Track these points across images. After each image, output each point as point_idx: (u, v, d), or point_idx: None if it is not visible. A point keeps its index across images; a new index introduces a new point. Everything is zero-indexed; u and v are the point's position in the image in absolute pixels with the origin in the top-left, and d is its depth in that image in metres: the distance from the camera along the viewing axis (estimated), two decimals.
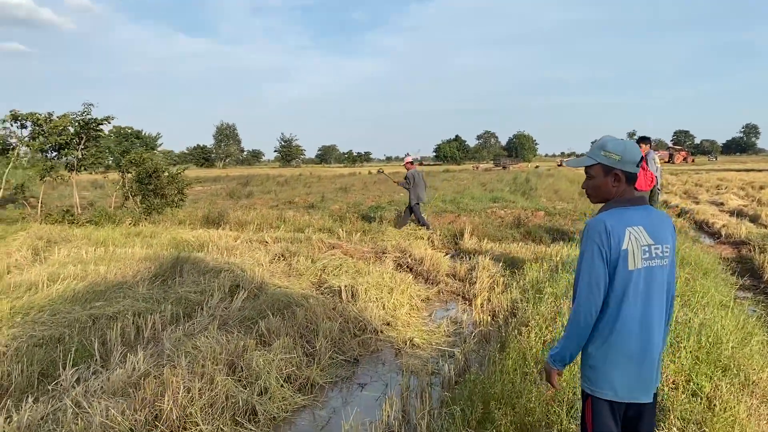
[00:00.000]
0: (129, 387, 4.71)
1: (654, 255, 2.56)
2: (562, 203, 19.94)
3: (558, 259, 9.35)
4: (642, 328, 2.53)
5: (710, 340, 5.02)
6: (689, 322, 5.56)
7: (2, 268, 9.35)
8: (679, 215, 17.31)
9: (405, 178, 13.69)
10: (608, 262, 2.51)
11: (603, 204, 2.71)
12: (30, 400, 4.52)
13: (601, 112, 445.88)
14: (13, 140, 16.54)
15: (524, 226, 14.29)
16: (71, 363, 5.25)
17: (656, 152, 9.92)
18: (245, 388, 4.78)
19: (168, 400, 4.38)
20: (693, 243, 11.37)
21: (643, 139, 10.12)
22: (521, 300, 7.02)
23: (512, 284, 8.36)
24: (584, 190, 2.78)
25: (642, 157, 2.89)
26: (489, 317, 7.16)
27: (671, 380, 4.51)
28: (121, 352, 5.61)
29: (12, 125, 16.22)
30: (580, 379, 2.78)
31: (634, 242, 2.52)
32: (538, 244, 12.38)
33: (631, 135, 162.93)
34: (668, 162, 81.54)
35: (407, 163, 13.97)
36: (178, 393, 4.52)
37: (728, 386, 4.34)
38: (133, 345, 5.98)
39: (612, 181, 2.64)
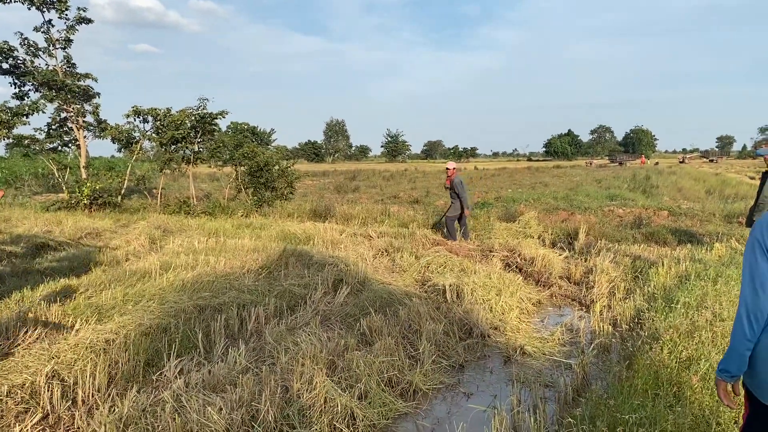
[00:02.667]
0: (227, 384, 4.61)
1: None
2: (688, 203, 18.39)
3: (687, 264, 8.43)
4: None
5: None
6: None
7: (122, 255, 9.80)
8: None
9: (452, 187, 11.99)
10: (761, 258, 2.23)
11: None
12: (134, 390, 4.53)
13: (728, 105, 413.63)
14: (137, 134, 17.51)
15: (646, 227, 13.22)
16: (175, 354, 5.26)
17: None
18: (344, 391, 4.53)
19: (265, 400, 4.22)
20: None
21: None
22: (647, 309, 6.31)
23: (635, 290, 7.61)
24: None
25: None
26: (610, 326, 6.51)
27: None
28: (223, 345, 5.58)
29: (135, 120, 17.17)
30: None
31: None
32: (663, 246, 11.37)
33: (763, 130, 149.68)
34: None
35: (454, 169, 12.17)
36: (276, 393, 4.36)
37: None
38: (236, 337, 5.94)
39: None
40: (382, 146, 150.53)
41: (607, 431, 3.45)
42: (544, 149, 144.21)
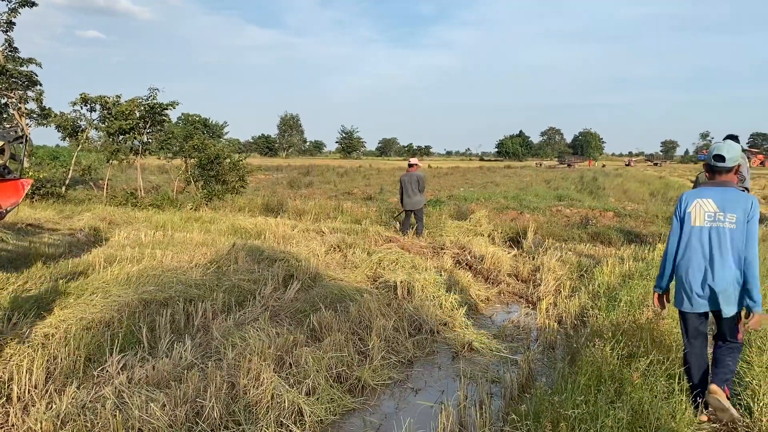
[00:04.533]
0: (172, 380, 4.50)
1: (715, 219, 3.86)
2: (632, 204, 18.99)
3: (631, 263, 8.70)
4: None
5: None
6: None
7: (64, 246, 9.46)
8: (760, 222, 16.12)
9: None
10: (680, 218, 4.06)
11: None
12: (73, 386, 4.37)
13: (673, 111, 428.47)
14: (83, 123, 16.94)
15: (592, 227, 13.57)
16: (118, 349, 5.10)
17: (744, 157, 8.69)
18: (292, 387, 4.48)
19: (210, 396, 4.14)
20: None
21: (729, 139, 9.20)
22: (591, 307, 6.48)
23: (581, 288, 7.80)
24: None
25: (719, 155, 3.95)
26: (555, 323, 6.66)
27: None
28: (169, 340, 5.44)
29: (82, 108, 16.60)
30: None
31: (698, 208, 3.95)
32: (608, 246, 11.70)
33: (704, 135, 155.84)
34: None
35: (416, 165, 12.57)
36: (222, 389, 4.29)
37: None
38: (182, 333, 5.81)
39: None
40: (336, 142, 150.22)
41: (551, 427, 3.52)
42: (496, 149, 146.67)
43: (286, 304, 6.74)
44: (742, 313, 3.89)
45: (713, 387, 3.87)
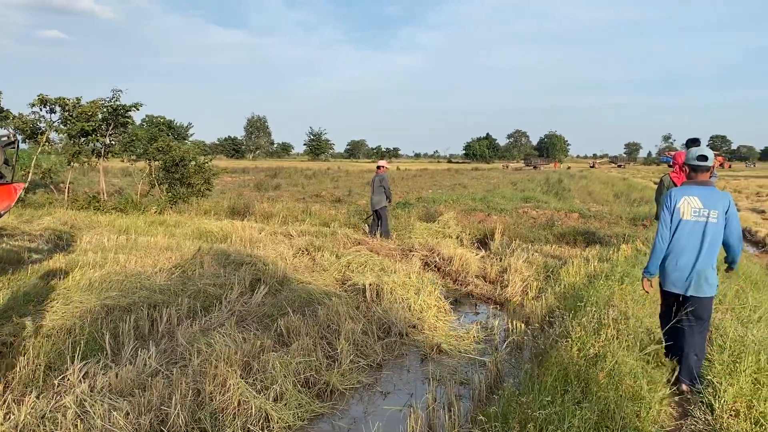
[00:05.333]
0: (136, 387, 4.40)
1: (701, 214, 4.52)
2: (597, 205, 19.32)
3: (596, 264, 8.83)
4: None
5: None
6: (744, 339, 5.06)
7: (23, 251, 9.19)
8: None
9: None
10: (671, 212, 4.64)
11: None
12: (33, 395, 4.24)
13: (636, 114, 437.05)
14: (43, 125, 16.48)
15: (558, 228, 13.75)
16: (80, 357, 4.96)
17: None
18: (259, 393, 4.43)
19: (176, 404, 4.05)
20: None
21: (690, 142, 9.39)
22: (558, 308, 6.56)
23: (547, 289, 7.89)
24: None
25: (702, 155, 4.58)
26: (522, 324, 6.71)
27: (730, 406, 4.04)
28: (132, 347, 5.30)
29: (41, 110, 16.15)
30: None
31: (686, 204, 4.58)
32: (573, 247, 11.86)
33: (666, 138, 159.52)
34: None
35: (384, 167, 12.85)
36: (188, 396, 4.21)
37: None
38: (146, 339, 5.68)
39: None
40: (305, 144, 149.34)
41: (518, 428, 3.54)
42: (463, 152, 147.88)
43: (253, 309, 6.66)
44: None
45: (683, 387, 4.58)
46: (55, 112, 16.26)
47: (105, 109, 16.19)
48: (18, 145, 7.07)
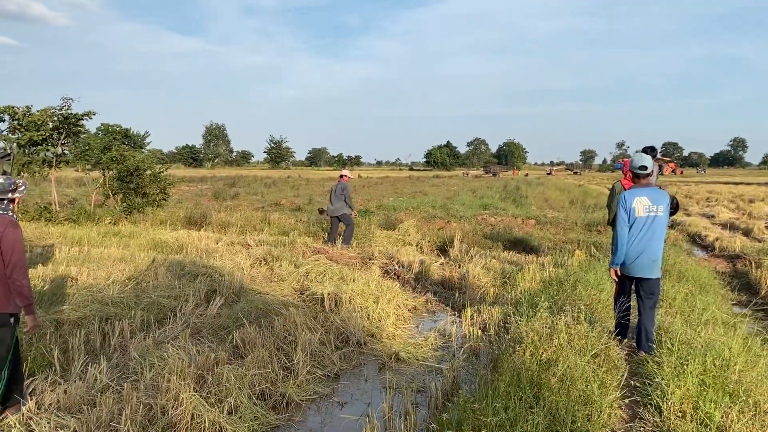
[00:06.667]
0: (84, 404, 4.28)
1: (651, 210, 5.49)
2: (553, 212, 19.67)
3: (551, 269, 8.99)
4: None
5: (716, 362, 4.67)
6: (691, 341, 5.22)
7: None
8: (671, 227, 17.06)
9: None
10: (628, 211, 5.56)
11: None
12: None
13: (591, 121, 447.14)
14: None
15: (515, 234, 13.95)
16: (27, 373, 4.80)
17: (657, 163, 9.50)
18: (213, 406, 4.36)
19: (126, 419, 3.96)
20: (687, 256, 11.08)
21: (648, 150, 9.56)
22: (513, 313, 6.65)
23: (504, 295, 7.99)
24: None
25: (643, 165, 5.58)
26: (479, 330, 6.79)
27: (677, 408, 4.16)
28: (83, 362, 5.17)
29: None
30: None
31: (639, 203, 5.52)
32: (529, 253, 12.05)
33: (620, 145, 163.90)
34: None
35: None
36: (138, 411, 4.11)
37: (739, 415, 3.99)
38: (97, 354, 5.54)
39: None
40: (265, 152, 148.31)
41: None
42: (425, 159, 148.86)
43: (209, 321, 6.56)
44: None
45: (642, 354, 5.49)
46: (3, 121, 15.76)
47: (56, 118, 15.77)
48: (13, 158, 7.10)
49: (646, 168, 5.55)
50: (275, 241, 12.11)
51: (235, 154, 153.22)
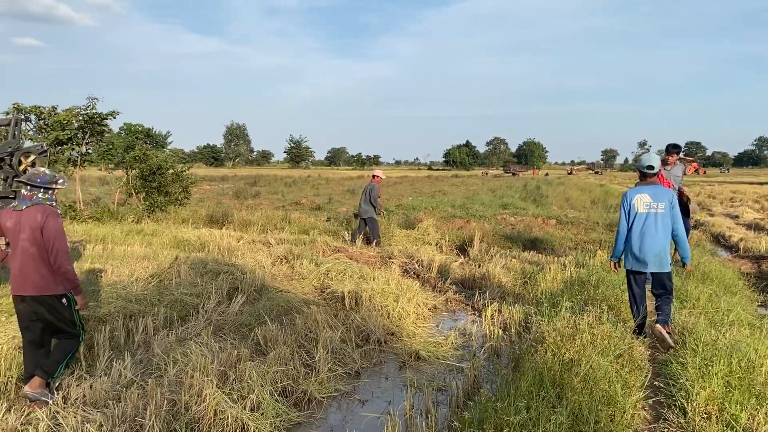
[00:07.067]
0: (110, 399, 4.35)
1: (651, 207, 5.75)
2: (574, 212, 19.51)
3: (572, 269, 8.92)
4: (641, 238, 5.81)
5: (741, 364, 4.61)
6: (716, 342, 5.15)
7: None
8: (694, 227, 16.81)
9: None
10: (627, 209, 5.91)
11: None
12: (3, 408, 4.17)
13: (612, 121, 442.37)
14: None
15: (535, 234, 13.87)
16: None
17: (682, 163, 9.43)
18: (236, 403, 4.40)
19: (150, 415, 4.02)
20: (711, 256, 10.93)
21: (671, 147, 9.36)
22: (534, 313, 6.62)
23: (524, 295, 7.95)
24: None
25: (650, 165, 5.87)
26: (500, 330, 6.77)
27: (702, 409, 4.11)
28: (108, 358, 5.26)
29: None
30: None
31: (639, 200, 5.80)
32: (551, 253, 11.97)
33: (642, 144, 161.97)
34: None
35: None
36: (163, 407, 4.17)
37: (766, 417, 3.93)
38: (122, 350, 5.62)
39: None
40: (285, 152, 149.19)
41: None
42: (443, 159, 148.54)
43: (231, 318, 6.62)
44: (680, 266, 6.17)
45: (657, 326, 5.54)
46: (30, 121, 16.05)
47: (81, 118, 16.02)
48: (48, 155, 7.49)
49: (652, 168, 5.85)
50: (296, 240, 12.18)
51: (255, 153, 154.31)
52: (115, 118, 16.57)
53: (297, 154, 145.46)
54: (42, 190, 4.50)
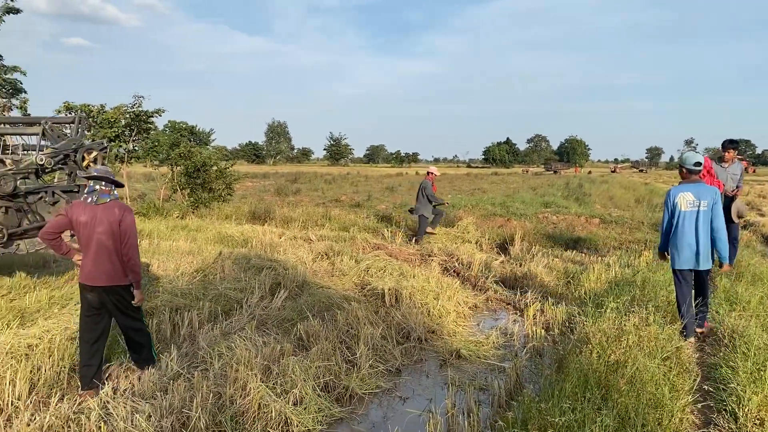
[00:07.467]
0: (158, 390, 4.46)
1: (694, 205, 5.74)
2: (618, 211, 19.11)
3: (617, 269, 8.75)
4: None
5: None
6: None
7: (49, 256, 9.35)
8: (744, 227, 16.27)
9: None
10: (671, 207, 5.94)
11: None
12: (57, 397, 4.33)
13: (657, 118, 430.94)
14: (68, 132, 16.77)
15: (578, 234, 13.64)
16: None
17: (738, 162, 8.94)
18: (279, 397, 4.46)
19: (197, 407, 4.10)
20: (762, 258, 10.56)
21: (728, 143, 8.98)
22: (578, 313, 6.51)
23: (567, 295, 7.83)
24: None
25: (697, 162, 5.84)
26: (542, 330, 6.68)
27: (755, 415, 3.98)
28: (156, 350, 5.38)
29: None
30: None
31: (682, 199, 5.80)
32: (594, 253, 11.76)
33: (688, 142, 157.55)
34: None
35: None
36: (208, 399, 4.25)
37: None
38: (168, 342, 5.76)
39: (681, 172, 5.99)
40: (324, 149, 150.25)
41: None
42: (483, 156, 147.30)
43: (273, 313, 6.70)
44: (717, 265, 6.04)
45: (698, 330, 6.02)
46: (88, 119, 16.55)
47: (128, 115, 16.46)
48: (108, 151, 7.88)
49: (700, 164, 5.83)
50: (336, 237, 12.27)
51: (296, 151, 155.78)
52: (160, 115, 16.97)
53: (336, 152, 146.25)
54: (114, 186, 4.79)
